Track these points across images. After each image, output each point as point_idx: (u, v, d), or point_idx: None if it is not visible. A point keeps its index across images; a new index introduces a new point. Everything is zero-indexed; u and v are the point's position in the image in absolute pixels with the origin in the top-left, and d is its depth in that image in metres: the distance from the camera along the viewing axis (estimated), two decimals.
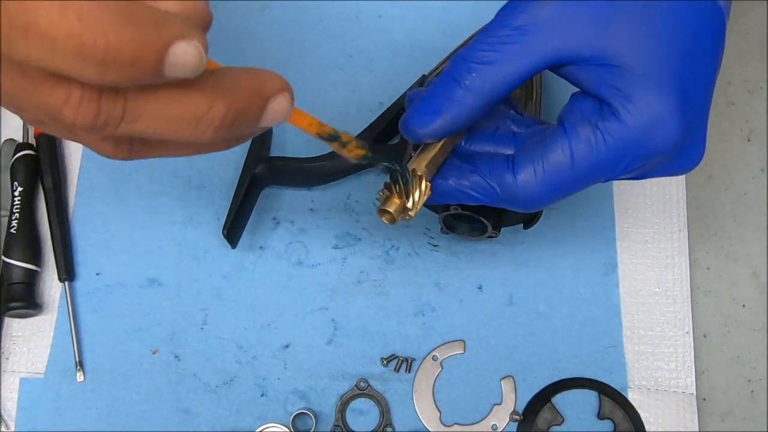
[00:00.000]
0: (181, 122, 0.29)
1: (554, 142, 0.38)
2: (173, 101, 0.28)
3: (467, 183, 0.40)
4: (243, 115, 0.30)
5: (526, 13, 0.38)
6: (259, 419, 0.54)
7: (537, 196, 0.39)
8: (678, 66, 0.36)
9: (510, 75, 0.38)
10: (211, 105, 0.29)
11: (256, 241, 0.59)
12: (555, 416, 0.53)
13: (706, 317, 0.56)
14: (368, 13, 0.64)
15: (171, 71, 0.26)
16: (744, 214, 0.58)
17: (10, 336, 0.57)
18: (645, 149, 0.37)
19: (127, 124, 0.28)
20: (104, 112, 0.27)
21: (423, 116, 0.39)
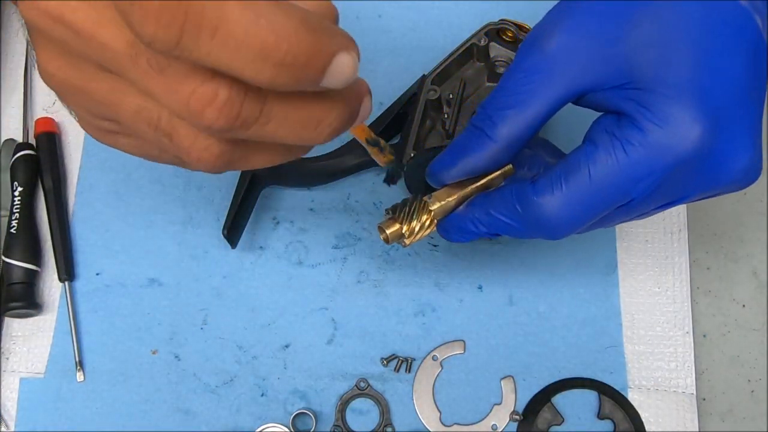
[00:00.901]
0: (306, 125, 0.30)
1: (573, 157, 0.37)
2: (304, 105, 0.30)
3: (492, 206, 0.40)
4: (352, 117, 0.32)
5: (535, 52, 0.37)
6: (259, 419, 0.54)
7: (560, 217, 0.37)
8: (695, 70, 0.35)
9: (528, 117, 0.37)
10: (332, 108, 0.30)
11: (256, 241, 0.59)
12: (555, 416, 0.53)
13: (706, 317, 0.56)
14: (368, 13, 0.64)
15: (328, 80, 0.28)
16: (744, 214, 0.58)
17: (10, 336, 0.57)
18: (667, 157, 0.35)
19: (259, 126, 0.29)
20: (244, 113, 0.28)
21: (446, 159, 0.40)
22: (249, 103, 0.28)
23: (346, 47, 0.28)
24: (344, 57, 0.28)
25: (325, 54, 0.27)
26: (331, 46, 0.27)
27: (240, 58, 0.26)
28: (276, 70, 0.26)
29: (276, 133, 0.30)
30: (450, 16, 0.64)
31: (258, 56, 0.26)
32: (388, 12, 0.64)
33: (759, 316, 0.56)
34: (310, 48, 0.26)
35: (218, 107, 0.28)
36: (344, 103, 0.31)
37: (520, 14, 0.57)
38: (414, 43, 0.63)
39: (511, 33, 0.55)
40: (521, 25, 0.55)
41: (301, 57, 0.26)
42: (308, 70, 0.27)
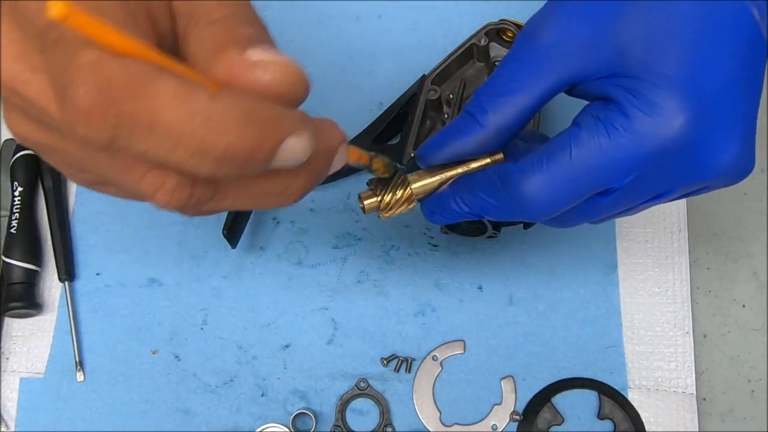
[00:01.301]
0: (267, 197, 0.30)
1: (557, 138, 0.37)
2: (263, 181, 0.29)
3: (475, 185, 0.40)
4: (319, 178, 0.31)
5: (527, 43, 0.38)
6: (259, 419, 0.54)
7: (540, 196, 0.37)
8: (684, 59, 0.35)
9: (519, 105, 0.38)
10: (294, 178, 0.30)
11: (256, 241, 0.59)
12: (555, 416, 0.53)
13: (706, 317, 0.56)
14: (368, 13, 0.64)
15: (278, 163, 0.27)
16: (744, 214, 0.58)
17: (10, 336, 0.57)
18: (651, 143, 0.35)
19: (215, 203, 0.29)
20: (196, 195, 0.28)
21: (433, 141, 0.40)
22: (200, 186, 0.28)
23: (293, 131, 0.27)
24: (292, 142, 0.27)
25: (269, 145, 0.26)
26: (276, 135, 0.27)
27: (179, 155, 0.25)
28: (217, 164, 0.26)
29: (236, 205, 0.30)
30: (450, 16, 0.64)
31: (197, 153, 0.25)
32: (388, 12, 0.64)
33: (759, 316, 0.56)
34: (252, 142, 0.26)
35: (168, 191, 0.28)
36: (309, 169, 0.30)
37: (520, 14, 0.57)
38: (414, 43, 0.63)
39: (511, 33, 0.55)
40: (521, 25, 0.55)
41: (242, 152, 0.26)
42: (251, 161, 0.26)
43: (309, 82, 0.29)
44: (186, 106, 0.25)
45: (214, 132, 0.25)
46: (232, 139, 0.25)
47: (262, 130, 0.26)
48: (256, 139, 0.26)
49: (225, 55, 0.27)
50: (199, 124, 0.25)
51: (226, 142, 0.25)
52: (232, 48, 0.27)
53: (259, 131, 0.26)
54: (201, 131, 0.25)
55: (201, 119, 0.25)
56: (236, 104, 0.26)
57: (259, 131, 0.26)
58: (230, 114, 0.26)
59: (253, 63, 0.27)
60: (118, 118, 0.25)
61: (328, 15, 0.64)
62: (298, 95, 0.29)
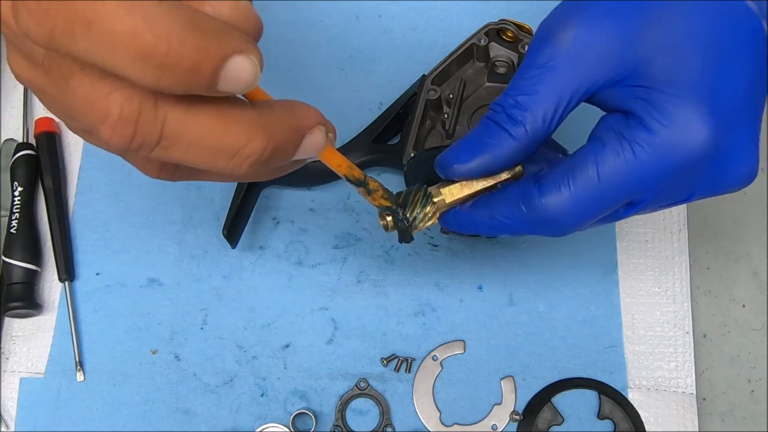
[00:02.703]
0: (218, 153, 0.29)
1: (581, 156, 0.37)
2: (212, 131, 0.28)
3: (496, 208, 0.39)
4: (280, 150, 0.30)
5: (549, 48, 0.37)
6: (259, 419, 0.54)
7: (566, 216, 0.37)
8: (705, 71, 0.35)
9: (547, 115, 0.37)
10: (250, 138, 0.29)
11: (256, 241, 0.59)
12: (555, 416, 0.53)
13: (706, 317, 0.56)
14: (368, 13, 0.64)
15: (225, 84, 0.27)
16: (744, 214, 0.58)
17: (10, 336, 0.57)
18: (675, 157, 0.35)
19: (161, 150, 0.28)
20: (140, 134, 0.27)
21: (461, 153, 0.39)
22: (145, 122, 0.27)
23: (241, 50, 0.26)
24: (239, 60, 0.26)
25: (214, 57, 0.26)
26: (221, 48, 0.26)
27: (118, 57, 0.25)
28: (159, 71, 0.25)
29: (185, 158, 0.29)
30: (450, 16, 0.64)
31: (137, 56, 0.25)
32: (388, 12, 0.64)
33: (759, 316, 0.56)
34: (196, 49, 0.25)
35: (111, 125, 0.27)
36: (269, 131, 0.29)
37: (520, 14, 0.57)
38: (414, 43, 0.63)
39: (511, 33, 0.55)
40: (521, 25, 0.55)
41: (185, 59, 0.25)
42: (196, 73, 0.26)
43: (260, 24, 0.28)
44: (128, 3, 0.24)
45: (156, 33, 0.24)
46: (175, 42, 0.25)
47: (207, 40, 0.26)
48: (199, 48, 0.25)
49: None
50: (139, 22, 0.24)
51: (167, 46, 0.25)
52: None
53: (203, 41, 0.25)
54: (142, 31, 0.24)
55: (142, 17, 0.24)
56: (181, 10, 0.25)
57: (204, 40, 0.25)
58: (174, 17, 0.25)
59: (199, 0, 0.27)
60: (59, 9, 0.24)
61: (328, 15, 0.64)
62: (248, 29, 0.28)
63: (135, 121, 0.27)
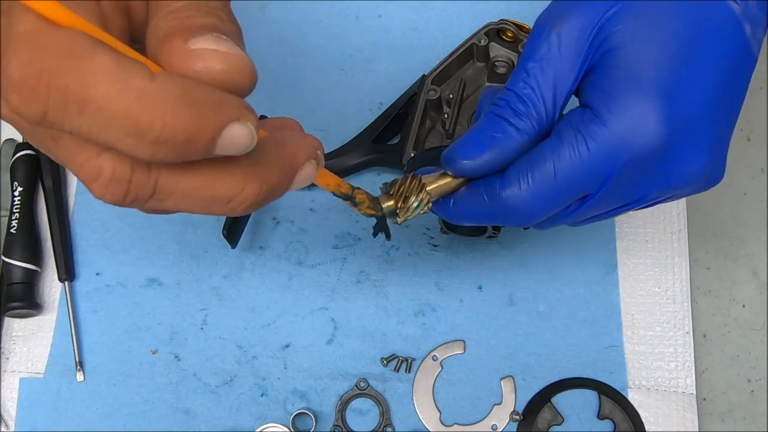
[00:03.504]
0: (212, 203, 0.29)
1: (540, 151, 0.37)
2: (207, 183, 0.28)
3: (463, 196, 0.40)
4: (273, 192, 0.30)
5: (546, 40, 0.37)
6: (259, 419, 0.54)
7: (525, 208, 0.38)
8: (668, 67, 0.36)
9: (549, 106, 0.37)
10: (243, 186, 0.29)
11: (256, 241, 0.59)
12: (555, 416, 0.53)
13: (706, 317, 0.56)
14: (368, 13, 0.64)
15: (221, 151, 0.27)
16: (744, 214, 0.58)
17: (10, 336, 0.57)
18: (626, 151, 0.36)
19: (155, 202, 0.28)
20: (133, 192, 0.27)
21: (470, 149, 0.39)
22: (138, 181, 0.27)
23: (237, 117, 0.26)
24: (235, 128, 0.26)
25: (209, 129, 0.26)
26: (216, 119, 0.26)
27: (113, 134, 0.25)
28: (154, 147, 0.25)
29: (180, 207, 0.29)
30: (450, 16, 0.64)
31: (131, 133, 0.25)
32: (388, 12, 0.64)
33: (759, 316, 0.56)
34: (190, 124, 0.25)
35: (103, 184, 0.27)
36: (262, 177, 0.29)
37: (520, 14, 0.57)
38: (414, 43, 0.63)
39: (511, 33, 0.55)
40: (521, 25, 0.55)
41: (180, 134, 0.25)
42: (191, 146, 0.26)
43: (254, 73, 0.28)
44: (120, 82, 0.24)
45: (150, 111, 0.24)
46: (169, 119, 0.25)
47: (202, 112, 0.26)
48: (194, 122, 0.25)
49: (168, 43, 0.27)
50: (133, 102, 0.24)
51: (161, 123, 0.25)
52: (177, 36, 0.27)
53: (198, 113, 0.25)
54: (135, 109, 0.24)
55: (135, 97, 0.24)
56: (174, 85, 0.25)
57: (198, 113, 0.25)
58: (167, 94, 0.25)
59: (190, 51, 0.27)
60: (49, 91, 0.24)
61: (328, 15, 0.64)
62: (241, 86, 0.28)
63: (128, 180, 0.27)
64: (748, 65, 0.38)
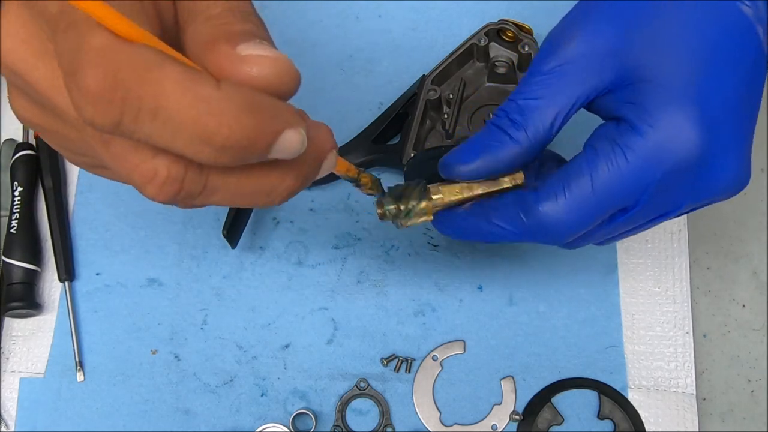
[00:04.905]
0: (255, 195, 0.31)
1: (575, 164, 0.37)
2: (252, 180, 0.30)
3: (493, 213, 0.40)
4: (307, 182, 0.32)
5: (552, 56, 0.38)
6: (259, 419, 0.54)
7: (563, 223, 0.37)
8: (694, 75, 0.36)
9: (548, 120, 0.38)
10: (284, 178, 0.31)
11: (256, 241, 0.59)
12: (555, 416, 0.53)
13: (706, 317, 0.56)
14: (368, 13, 0.64)
15: (275, 154, 0.28)
16: (744, 214, 0.58)
17: (10, 336, 0.58)
18: (665, 160, 0.36)
19: (203, 198, 0.30)
20: (186, 190, 0.29)
21: (464, 155, 0.40)
22: (190, 181, 0.29)
23: (291, 124, 0.28)
24: (290, 134, 0.28)
25: (268, 135, 0.27)
26: (274, 126, 0.28)
27: (181, 141, 0.26)
28: (218, 152, 0.27)
29: (224, 202, 0.30)
30: (450, 16, 0.64)
31: (199, 139, 0.26)
32: (388, 12, 0.64)
33: (759, 316, 0.56)
34: (252, 131, 0.27)
35: (158, 185, 0.28)
36: (298, 170, 0.31)
37: (520, 14, 0.57)
38: (414, 43, 0.63)
39: (511, 33, 0.55)
40: (521, 25, 0.55)
41: (243, 140, 0.27)
42: (251, 150, 0.27)
43: (299, 76, 0.30)
44: (191, 92, 0.26)
45: (218, 119, 0.26)
46: (235, 126, 0.26)
47: (263, 120, 0.27)
48: (256, 128, 0.27)
49: (216, 49, 0.28)
50: (203, 111, 0.26)
51: (228, 130, 0.26)
52: (223, 42, 0.28)
53: (260, 121, 0.27)
54: (204, 117, 0.26)
55: (205, 106, 0.26)
56: (239, 94, 0.26)
57: (260, 121, 0.27)
58: (234, 102, 0.26)
59: (242, 57, 0.28)
60: (125, 102, 0.25)
61: (328, 15, 0.64)
62: (289, 89, 0.29)
63: (181, 180, 0.28)
64: (764, 66, 0.38)
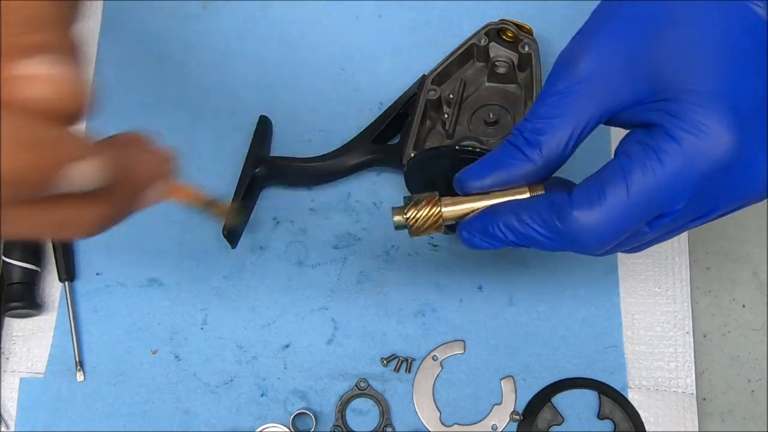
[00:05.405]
0: (64, 226, 0.29)
1: (609, 170, 0.37)
2: (54, 210, 0.28)
3: (525, 213, 0.39)
4: (118, 215, 0.31)
5: (566, 76, 0.38)
6: (259, 419, 0.54)
7: (598, 229, 0.37)
8: (721, 76, 0.36)
9: (563, 140, 0.38)
10: (89, 210, 0.29)
11: (256, 241, 0.59)
12: (555, 416, 0.53)
13: (706, 317, 0.56)
14: (368, 13, 0.64)
15: (66, 188, 0.27)
16: (744, 215, 0.58)
17: (10, 336, 0.57)
18: (702, 164, 0.35)
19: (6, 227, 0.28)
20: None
21: (478, 171, 0.40)
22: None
23: (77, 156, 0.26)
24: (77, 167, 0.26)
25: (46, 170, 0.26)
26: (54, 160, 0.26)
27: None
28: (5, 188, 0.25)
29: (27, 233, 0.29)
30: (450, 16, 0.64)
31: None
32: (388, 12, 0.64)
33: (759, 316, 0.56)
34: (28, 167, 0.25)
35: None
36: (107, 201, 0.30)
37: (520, 14, 0.57)
38: (414, 43, 0.63)
39: (511, 33, 0.55)
40: (521, 25, 0.55)
41: (19, 177, 0.25)
42: (30, 186, 0.26)
43: (85, 97, 0.28)
44: None
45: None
46: (8, 163, 0.24)
47: (40, 154, 0.25)
48: (33, 164, 0.25)
49: (2, 66, 0.26)
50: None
51: (2, 167, 0.24)
52: (7, 58, 0.26)
53: (36, 155, 0.25)
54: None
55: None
56: (12, 125, 0.25)
57: (37, 156, 0.25)
58: (6, 136, 0.24)
59: (22, 77, 0.26)
60: None
61: (328, 15, 0.64)
62: (74, 111, 0.27)
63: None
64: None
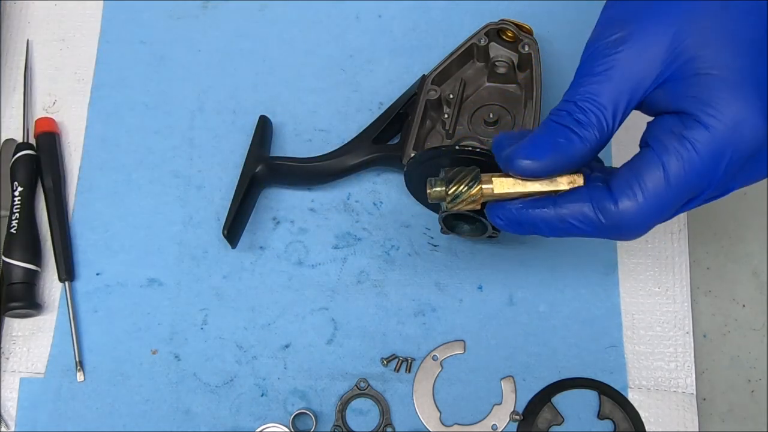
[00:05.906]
0: None
1: (645, 159, 0.38)
2: None
3: (567, 212, 0.40)
4: None
5: (606, 57, 0.38)
6: (259, 419, 0.54)
7: (640, 220, 0.38)
8: (752, 64, 0.36)
9: (609, 119, 0.38)
10: None
11: (256, 241, 0.59)
12: (555, 416, 0.53)
13: (706, 317, 0.56)
14: (368, 13, 0.64)
15: None
16: (744, 214, 0.58)
17: (10, 336, 0.57)
18: (736, 150, 0.36)
19: None
20: None
21: (534, 151, 0.39)
22: None
23: None
24: None
25: None
26: None
27: None
28: None
29: None
30: (450, 16, 0.64)
31: None
32: (388, 12, 0.64)
33: (759, 316, 0.56)
34: None
35: None
36: None
37: (520, 14, 0.57)
38: (414, 43, 0.63)
39: (511, 33, 0.55)
40: (521, 25, 0.55)
41: None
42: None
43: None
44: None
45: None
46: None
47: None
48: None
49: None
50: None
51: None
52: None
53: None
54: None
55: None
56: None
57: None
58: None
59: None
60: None
61: (328, 15, 0.64)
62: None
63: None
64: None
